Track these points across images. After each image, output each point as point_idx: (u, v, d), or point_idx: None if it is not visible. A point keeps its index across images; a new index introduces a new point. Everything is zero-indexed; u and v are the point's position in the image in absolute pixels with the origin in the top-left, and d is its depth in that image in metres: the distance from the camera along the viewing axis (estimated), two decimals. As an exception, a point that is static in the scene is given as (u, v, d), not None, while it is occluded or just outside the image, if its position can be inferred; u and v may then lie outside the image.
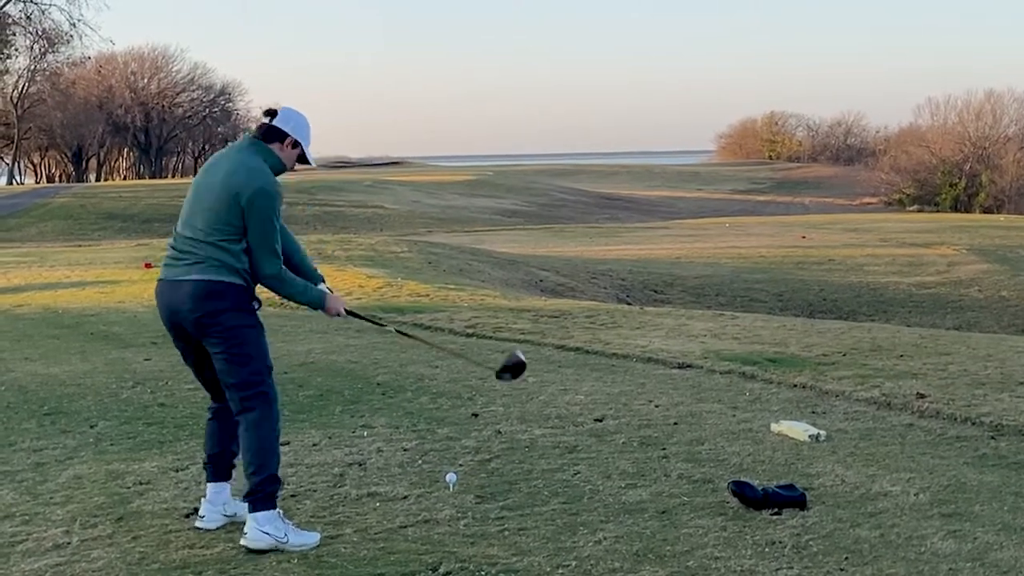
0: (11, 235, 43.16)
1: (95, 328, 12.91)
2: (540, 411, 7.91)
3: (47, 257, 24.72)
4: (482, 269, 23.93)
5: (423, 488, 6.01)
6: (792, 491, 5.64)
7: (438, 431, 7.34)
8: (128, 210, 53.52)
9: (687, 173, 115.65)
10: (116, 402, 8.50)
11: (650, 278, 26.44)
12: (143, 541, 5.21)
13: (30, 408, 8.32)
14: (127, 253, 25.52)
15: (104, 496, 5.97)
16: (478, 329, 12.24)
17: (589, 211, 70.92)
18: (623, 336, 11.70)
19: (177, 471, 6.46)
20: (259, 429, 5.22)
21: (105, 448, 7.04)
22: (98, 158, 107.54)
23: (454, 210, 61.63)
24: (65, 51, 72.46)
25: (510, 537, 5.17)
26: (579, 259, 29.45)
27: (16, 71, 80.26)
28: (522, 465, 6.44)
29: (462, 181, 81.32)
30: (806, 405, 8.11)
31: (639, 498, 5.74)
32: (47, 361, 10.48)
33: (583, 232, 44.60)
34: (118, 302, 15.59)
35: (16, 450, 7.04)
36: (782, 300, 24.90)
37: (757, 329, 12.36)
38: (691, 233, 42.84)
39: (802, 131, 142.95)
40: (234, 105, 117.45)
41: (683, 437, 7.06)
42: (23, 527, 5.47)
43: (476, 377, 9.26)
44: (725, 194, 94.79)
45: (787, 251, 32.42)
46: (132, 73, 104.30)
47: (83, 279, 19.07)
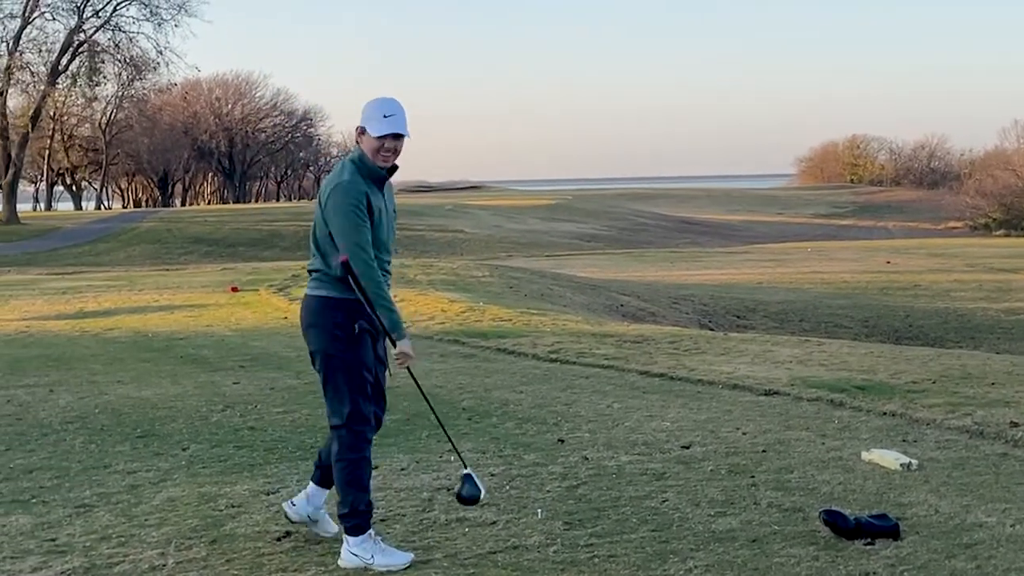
0: (100, 259, 44.06)
1: (184, 351, 13.13)
2: (626, 437, 7.89)
3: (136, 281, 25.19)
4: (563, 294, 23.94)
5: (511, 514, 6.02)
6: (885, 521, 5.55)
7: (524, 457, 7.35)
8: (213, 234, 54.37)
9: (767, 197, 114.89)
10: (207, 425, 8.63)
11: (732, 303, 26.27)
12: (236, 564, 5.28)
13: (123, 431, 8.48)
14: (213, 277, 25.91)
15: (197, 519, 6.06)
16: (561, 354, 12.24)
17: (669, 235, 70.71)
18: (707, 362, 11.63)
19: (268, 494, 6.53)
20: (338, 461, 5.26)
21: (197, 471, 7.15)
22: (183, 183, 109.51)
23: (534, 234, 61.78)
24: (152, 78, 73.90)
25: (600, 564, 5.15)
26: (660, 284, 29.36)
27: (104, 98, 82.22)
28: (610, 492, 6.43)
29: (542, 205, 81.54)
30: (896, 433, 7.99)
31: (729, 526, 5.69)
32: (139, 384, 10.67)
33: (663, 256, 44.47)
34: (206, 326, 15.83)
35: (111, 472, 7.17)
36: (867, 326, 24.58)
37: (844, 355, 12.22)
38: (773, 258, 42.50)
39: (884, 154, 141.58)
40: (316, 130, 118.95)
41: (772, 465, 7.00)
42: (119, 548, 5.56)
43: (561, 403, 9.28)
44: (806, 218, 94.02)
45: (871, 276, 32.05)
46: (216, 99, 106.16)
47: (171, 303, 19.40)
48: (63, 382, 10.88)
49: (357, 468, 5.22)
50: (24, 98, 68.77)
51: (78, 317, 17.44)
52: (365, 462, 5.25)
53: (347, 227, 5.06)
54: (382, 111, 5.05)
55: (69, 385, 10.70)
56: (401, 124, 5.08)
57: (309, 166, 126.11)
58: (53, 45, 65.08)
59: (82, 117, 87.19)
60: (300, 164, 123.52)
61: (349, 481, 5.21)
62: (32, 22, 63.31)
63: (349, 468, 5.21)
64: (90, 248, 49.40)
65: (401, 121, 5.08)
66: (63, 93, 72.42)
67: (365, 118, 5.08)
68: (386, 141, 5.06)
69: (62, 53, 65.10)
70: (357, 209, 5.04)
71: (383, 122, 5.03)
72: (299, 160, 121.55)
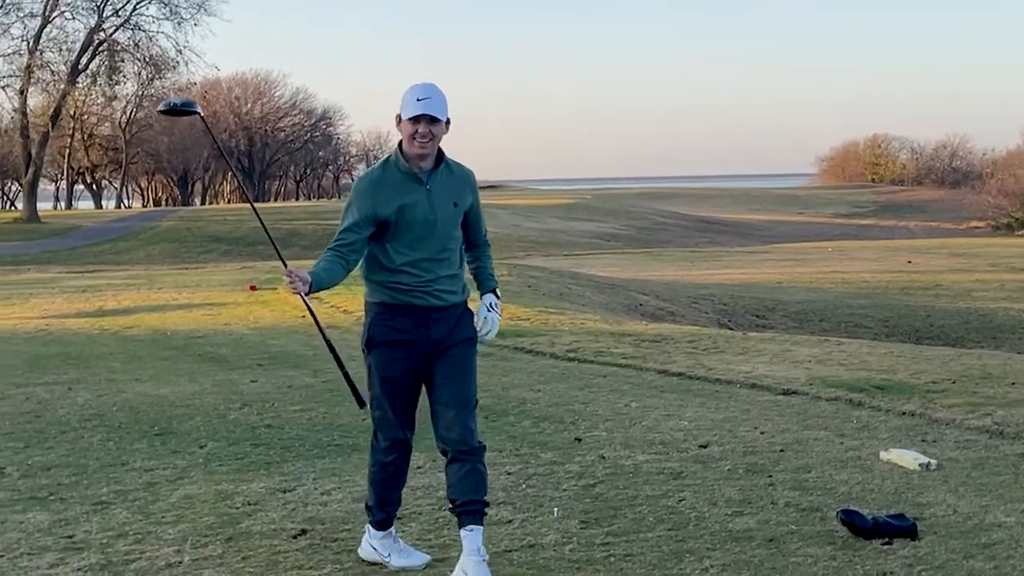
0: (120, 257, 44.26)
1: (203, 350, 13.16)
2: (644, 436, 7.87)
3: (155, 279, 25.28)
4: (582, 293, 23.91)
5: (527, 512, 6.01)
6: (903, 521, 5.52)
7: (541, 455, 7.33)
8: (232, 233, 54.55)
9: (787, 196, 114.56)
10: (224, 423, 8.65)
11: (752, 303, 26.20)
12: (252, 561, 5.28)
13: (141, 428, 8.50)
14: (232, 276, 25.98)
15: (214, 516, 6.07)
16: (579, 353, 12.23)
17: (688, 235, 70.60)
18: (726, 361, 11.60)
19: (284, 492, 6.53)
20: (370, 458, 5.26)
21: (214, 469, 7.16)
22: (203, 182, 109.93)
23: (553, 233, 61.79)
24: (171, 77, 74.09)
25: (616, 563, 5.14)
26: (679, 283, 29.31)
27: (124, 97, 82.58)
28: (626, 491, 6.41)
29: (561, 205, 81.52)
30: (916, 433, 7.95)
31: (746, 526, 5.67)
32: (157, 382, 10.70)
33: (682, 256, 44.40)
34: (224, 324, 15.87)
35: (128, 470, 7.19)
36: (887, 326, 24.48)
37: (863, 355, 12.17)
38: (793, 257, 42.37)
39: (906, 154, 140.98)
40: (335, 129, 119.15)
41: (790, 464, 6.97)
42: (136, 546, 5.57)
43: (578, 402, 9.27)
44: (827, 218, 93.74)
45: (892, 276, 31.93)
46: (236, 98, 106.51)
47: (190, 301, 19.46)
48: (82, 380, 10.92)
49: (380, 472, 5.18)
50: (44, 97, 69.26)
51: (97, 315, 17.50)
52: (391, 468, 5.16)
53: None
54: (416, 94, 4.77)
55: (88, 383, 10.74)
56: (435, 107, 4.77)
57: (328, 165, 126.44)
58: (73, 44, 65.49)
59: (102, 116, 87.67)
60: (319, 163, 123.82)
61: (373, 480, 5.22)
62: (52, 21, 63.64)
63: (375, 469, 5.20)
64: (110, 247, 49.61)
65: (436, 105, 4.78)
66: (83, 92, 72.71)
67: (401, 104, 4.81)
68: (419, 125, 4.75)
69: (82, 52, 65.43)
70: (348, 208, 4.92)
71: (416, 105, 4.75)
72: (318, 159, 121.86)
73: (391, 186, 4.86)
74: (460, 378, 4.96)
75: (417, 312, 4.89)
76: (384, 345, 4.94)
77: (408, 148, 4.83)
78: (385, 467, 5.14)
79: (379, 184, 4.87)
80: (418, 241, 4.87)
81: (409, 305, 4.89)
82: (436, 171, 4.91)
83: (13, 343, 14.20)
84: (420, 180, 4.87)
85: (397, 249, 4.88)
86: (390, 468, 5.14)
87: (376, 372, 5.00)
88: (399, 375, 4.97)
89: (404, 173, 4.87)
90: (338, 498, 6.37)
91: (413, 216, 4.84)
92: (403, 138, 4.83)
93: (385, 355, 4.95)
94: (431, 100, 4.77)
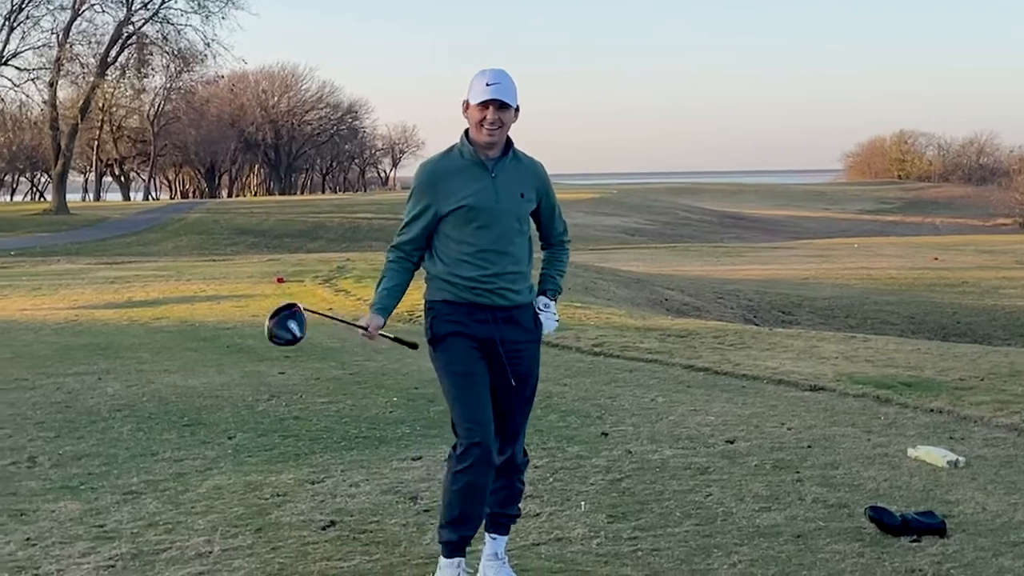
0: (148, 249, 44.51)
1: (231, 341, 13.23)
2: (670, 431, 7.87)
3: (183, 271, 25.39)
4: (607, 287, 23.90)
5: (555, 506, 6.03)
6: (931, 518, 5.51)
7: (568, 449, 7.35)
8: (259, 226, 54.77)
9: (813, 192, 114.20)
10: (252, 414, 8.70)
11: (777, 299, 26.14)
12: (282, 552, 5.32)
13: (170, 419, 8.56)
14: (259, 268, 26.07)
15: (243, 507, 6.11)
16: (605, 348, 12.22)
17: (713, 230, 70.47)
18: (752, 357, 11.58)
19: (313, 483, 6.57)
20: (446, 468, 4.78)
21: (243, 459, 7.21)
22: (230, 174, 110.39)
23: (578, 228, 61.71)
24: (199, 70, 74.63)
25: (644, 558, 5.15)
26: (704, 278, 29.27)
27: (152, 90, 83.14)
28: (653, 485, 6.42)
29: (586, 199, 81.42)
30: (943, 430, 7.93)
31: (773, 521, 5.67)
32: (186, 373, 10.77)
33: (708, 251, 44.32)
34: (252, 316, 15.93)
35: (158, 460, 7.25)
36: (914, 323, 24.36)
37: (890, 352, 12.13)
38: (819, 253, 42.23)
39: (932, 150, 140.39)
40: (361, 123, 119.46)
41: (817, 461, 6.97)
42: (167, 535, 5.62)
43: (605, 396, 9.28)
44: (853, 214, 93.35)
45: (919, 273, 31.78)
46: (263, 91, 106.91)
47: (218, 293, 19.53)
48: (111, 370, 11.00)
49: (455, 481, 4.66)
50: (74, 89, 69.82)
51: (126, 306, 17.60)
52: (463, 477, 4.62)
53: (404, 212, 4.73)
54: (485, 79, 4.57)
55: (117, 373, 10.81)
56: (505, 92, 4.56)
57: (354, 158, 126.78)
58: (102, 37, 65.97)
59: (130, 108, 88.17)
60: (345, 156, 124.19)
61: (449, 492, 4.70)
62: (82, 14, 64.11)
63: (451, 478, 4.68)
64: (138, 238, 49.91)
65: (506, 90, 4.57)
66: (112, 84, 73.22)
67: (469, 89, 4.61)
68: (488, 111, 4.55)
69: (111, 45, 65.85)
70: (409, 198, 4.72)
71: (485, 90, 4.54)
72: (344, 152, 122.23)
73: (453, 173, 4.66)
74: (520, 390, 4.81)
75: (481, 311, 4.66)
76: (451, 336, 4.68)
77: (476, 135, 4.63)
78: (458, 476, 4.63)
79: (440, 171, 4.69)
80: (481, 230, 4.64)
81: (471, 303, 4.66)
82: (503, 159, 4.71)
83: (43, 333, 14.31)
84: (485, 167, 4.67)
85: (459, 239, 4.65)
86: (463, 477, 4.61)
87: (447, 366, 4.71)
88: (471, 364, 4.68)
89: (468, 160, 4.67)
90: (366, 490, 6.41)
91: (476, 204, 4.62)
92: (470, 125, 4.64)
93: (454, 346, 4.68)
94: (501, 85, 4.58)
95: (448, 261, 4.67)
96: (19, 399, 9.52)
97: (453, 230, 4.65)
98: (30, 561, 5.25)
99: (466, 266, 4.63)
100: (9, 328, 14.94)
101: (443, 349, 4.70)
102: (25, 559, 5.28)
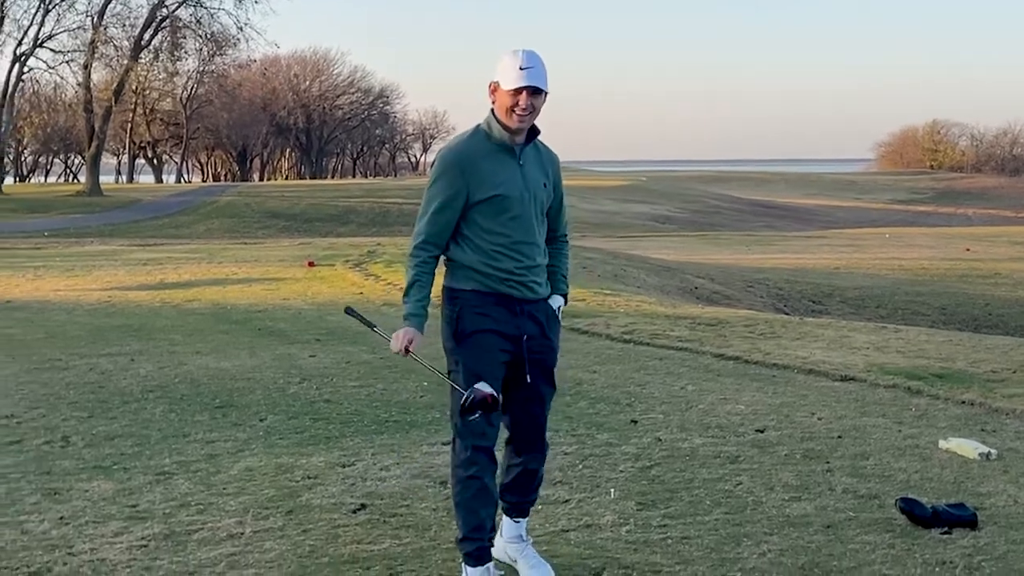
0: (180, 231, 44.73)
1: (262, 324, 13.29)
2: (700, 420, 7.86)
3: (215, 254, 25.50)
4: (637, 275, 23.85)
5: (584, 493, 6.03)
6: (963, 510, 5.49)
7: (597, 436, 7.36)
8: (290, 209, 54.94)
9: (844, 182, 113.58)
10: (284, 397, 8.75)
11: (808, 288, 26.01)
12: (313, 534, 5.35)
13: (202, 401, 8.62)
14: (290, 252, 26.16)
15: (274, 489, 6.15)
16: (635, 335, 12.20)
17: (744, 218, 70.17)
18: (783, 346, 11.55)
19: (344, 466, 6.61)
20: (451, 476, 4.66)
21: (274, 442, 7.25)
22: (261, 158, 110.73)
23: (607, 215, 61.67)
24: (232, 54, 74.78)
25: (673, 545, 5.15)
26: (735, 267, 29.15)
27: (185, 73, 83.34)
28: (683, 473, 6.42)
29: (615, 186, 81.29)
30: (975, 422, 7.89)
31: (803, 511, 5.66)
32: (218, 355, 10.83)
33: (738, 240, 44.14)
34: (283, 299, 16.01)
35: (190, 441, 7.30)
36: (945, 314, 24.21)
37: (922, 343, 12.06)
38: (849, 243, 41.97)
39: (965, 140, 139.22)
40: (391, 108, 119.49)
41: (847, 451, 6.94)
42: (198, 516, 5.67)
43: (634, 384, 9.27)
44: (884, 204, 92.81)
45: (951, 264, 31.53)
46: (295, 76, 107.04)
47: (249, 276, 19.62)
48: (144, 352, 11.08)
49: (467, 488, 4.54)
50: (108, 72, 70.12)
51: (159, 288, 17.71)
52: (477, 482, 4.52)
53: (423, 204, 4.53)
54: (519, 63, 4.37)
55: (150, 355, 10.89)
56: (540, 78, 4.39)
57: (385, 143, 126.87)
58: (136, 20, 66.18)
59: (163, 91, 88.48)
60: (376, 141, 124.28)
61: (458, 502, 4.59)
62: (116, -3, 64.26)
63: (459, 487, 4.56)
64: (170, 220, 50.14)
65: (540, 75, 4.39)
66: (145, 67, 73.45)
67: (500, 72, 4.41)
68: (521, 97, 4.37)
69: (145, 28, 66.07)
70: (438, 183, 4.48)
71: (520, 74, 4.35)
72: (375, 137, 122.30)
73: (482, 158, 4.47)
74: (541, 384, 4.74)
75: (511, 303, 4.55)
76: (478, 334, 4.51)
77: (505, 120, 4.44)
78: (470, 482, 4.53)
79: (468, 155, 4.47)
80: (514, 221, 4.50)
81: (501, 294, 4.52)
82: (527, 147, 4.58)
83: (77, 314, 14.42)
84: (513, 153, 4.52)
85: (494, 229, 4.48)
86: (474, 483, 4.52)
87: (468, 367, 4.50)
88: (493, 368, 4.53)
89: (497, 144, 4.49)
90: (396, 474, 6.44)
91: (508, 193, 4.47)
92: (498, 108, 4.44)
93: (480, 344, 4.52)
94: (535, 70, 4.39)
95: (481, 251, 4.50)
96: (52, 379, 9.61)
97: (484, 219, 4.48)
98: (64, 540, 5.30)
99: (503, 258, 4.50)
100: (43, 308, 15.07)
101: (469, 346, 4.51)
102: (59, 538, 5.34)
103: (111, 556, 5.06)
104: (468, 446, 4.52)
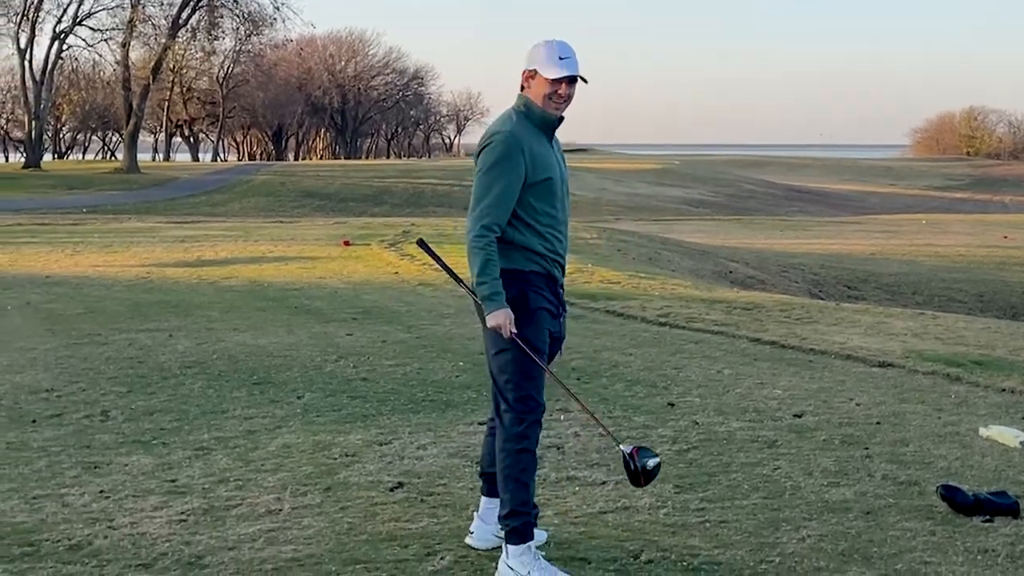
0: (216, 209, 44.89)
1: (299, 302, 13.34)
2: (737, 404, 7.83)
3: (251, 232, 25.61)
4: (671, 258, 23.78)
5: (621, 475, 5.99)
6: (1005, 498, 5.45)
7: (634, 419, 7.34)
8: (325, 189, 55.02)
9: (879, 167, 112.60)
10: (321, 375, 8.77)
11: (843, 273, 25.83)
12: (350, 512, 5.37)
13: (240, 377, 8.66)
14: (325, 231, 26.23)
15: (312, 466, 6.18)
16: (671, 319, 12.16)
17: (778, 203, 69.74)
18: (819, 331, 11.48)
19: (381, 444, 6.62)
20: (500, 451, 4.67)
21: (312, 419, 7.28)
22: (297, 137, 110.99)
23: (641, 198, 61.48)
24: (268, 33, 74.83)
25: (711, 529, 5.14)
26: (769, 251, 28.99)
27: (222, 52, 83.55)
28: (720, 457, 6.40)
29: (649, 169, 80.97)
30: (1016, 410, 7.82)
31: (842, 497, 5.63)
32: (255, 332, 10.88)
33: (772, 224, 43.88)
34: (319, 278, 16.06)
35: (228, 417, 7.34)
36: (982, 301, 23.99)
37: (960, 330, 11.97)
38: (885, 229, 41.65)
39: (1003, 127, 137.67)
40: (426, 89, 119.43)
41: (886, 437, 6.90)
42: (237, 492, 5.70)
43: (671, 367, 9.24)
44: (919, 190, 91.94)
45: (988, 251, 31.24)
46: (330, 56, 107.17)
47: (285, 254, 19.70)
48: (182, 328, 11.14)
49: (519, 461, 4.62)
50: (145, 51, 70.31)
51: (196, 265, 17.81)
52: (528, 455, 4.63)
53: (478, 188, 4.54)
54: (557, 53, 4.52)
55: (188, 331, 10.95)
56: (577, 68, 4.55)
57: (419, 124, 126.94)
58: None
59: (200, 70, 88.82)
60: (410, 122, 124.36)
61: (508, 475, 4.62)
62: (155, -25, 64.47)
63: (510, 460, 4.61)
64: (206, 199, 50.31)
65: (577, 65, 4.56)
66: (183, 46, 73.65)
67: (537, 61, 4.54)
68: (560, 86, 4.52)
69: (182, 7, 66.21)
70: (495, 168, 4.50)
71: (559, 64, 4.50)
72: (409, 118, 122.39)
73: (531, 141, 4.56)
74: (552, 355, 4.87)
75: (554, 284, 4.73)
76: (542, 311, 4.64)
77: (543, 107, 4.58)
78: (522, 456, 4.62)
79: (523, 138, 4.54)
80: (559, 204, 4.68)
81: (551, 275, 4.69)
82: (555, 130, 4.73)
83: (115, 290, 14.52)
84: (549, 138, 4.67)
85: (543, 211, 4.61)
86: (526, 457, 4.63)
87: (533, 340, 4.58)
88: (546, 344, 4.71)
89: (538, 128, 4.61)
90: (433, 453, 6.45)
91: (555, 175, 4.63)
92: (534, 95, 4.57)
93: (542, 322, 4.65)
94: (573, 60, 4.55)
95: (538, 234, 4.60)
96: (92, 354, 9.68)
97: (538, 202, 4.57)
98: (104, 513, 5.35)
99: (556, 241, 4.67)
100: (82, 284, 15.19)
101: (534, 322, 4.59)
102: (99, 511, 5.38)
103: (151, 530, 5.10)
104: (523, 419, 4.60)
